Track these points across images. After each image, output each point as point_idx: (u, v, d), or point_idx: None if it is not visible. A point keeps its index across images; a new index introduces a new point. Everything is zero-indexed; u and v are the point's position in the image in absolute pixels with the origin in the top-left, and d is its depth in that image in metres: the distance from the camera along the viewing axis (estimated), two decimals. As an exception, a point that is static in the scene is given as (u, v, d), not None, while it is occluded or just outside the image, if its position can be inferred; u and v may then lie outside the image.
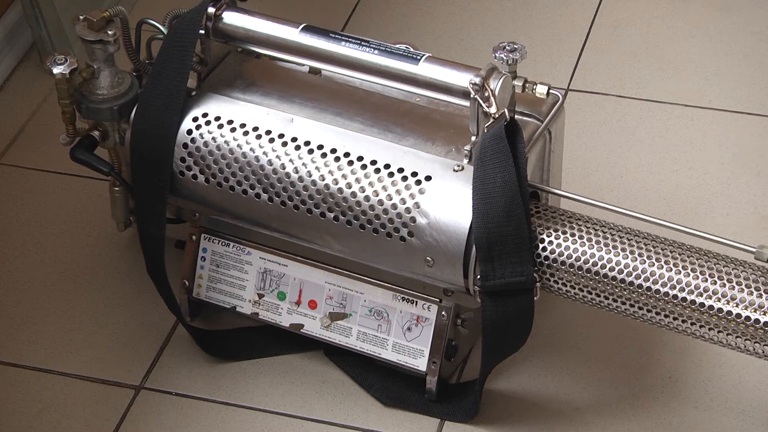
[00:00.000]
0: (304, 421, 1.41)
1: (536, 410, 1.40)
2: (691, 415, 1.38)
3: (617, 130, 1.70)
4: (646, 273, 1.28)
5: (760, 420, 1.37)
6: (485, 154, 1.30)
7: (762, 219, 1.57)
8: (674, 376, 1.42)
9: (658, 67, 1.77)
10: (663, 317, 1.29)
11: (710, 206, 1.59)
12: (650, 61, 1.78)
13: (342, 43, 1.37)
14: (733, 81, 1.74)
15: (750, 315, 1.25)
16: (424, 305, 1.39)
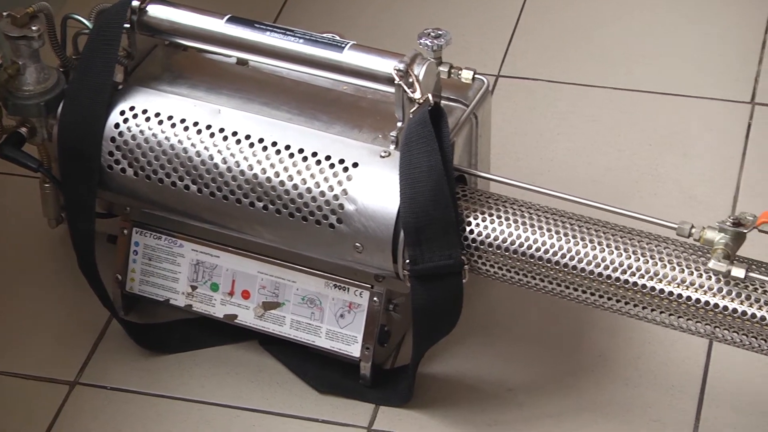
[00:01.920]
0: (240, 410, 1.41)
1: (470, 392, 1.41)
2: (621, 392, 1.40)
3: (547, 114, 1.71)
4: (572, 252, 1.30)
5: (688, 394, 1.39)
6: (410, 139, 1.31)
7: (689, 198, 1.59)
8: (605, 355, 1.44)
9: (587, 52, 1.79)
10: (590, 295, 1.30)
11: (639, 187, 1.61)
12: (579, 46, 1.80)
13: (267, 33, 1.38)
14: (660, 63, 1.76)
15: (673, 290, 1.27)
16: (356, 292, 1.40)
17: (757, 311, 1.24)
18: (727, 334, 1.27)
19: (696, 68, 1.75)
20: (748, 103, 1.70)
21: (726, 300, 1.25)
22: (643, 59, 1.77)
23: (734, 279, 1.24)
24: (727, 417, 1.37)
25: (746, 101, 1.70)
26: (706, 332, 1.28)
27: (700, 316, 1.26)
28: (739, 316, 1.25)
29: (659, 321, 1.29)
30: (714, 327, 1.27)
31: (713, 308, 1.25)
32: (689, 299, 1.26)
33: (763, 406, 1.38)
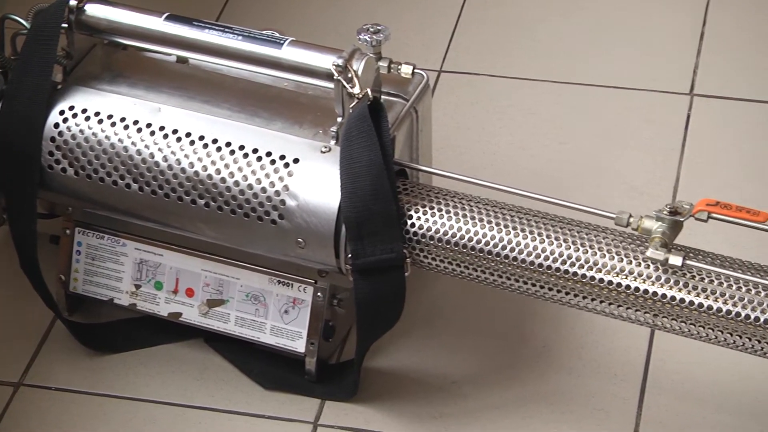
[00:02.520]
0: (185, 408, 1.41)
1: (415, 386, 1.42)
2: (565, 382, 1.41)
3: (489, 108, 1.72)
4: (512, 244, 1.31)
5: (631, 383, 1.41)
6: (350, 134, 1.32)
7: (630, 189, 1.60)
8: (548, 345, 1.45)
9: (528, 46, 1.80)
10: (531, 286, 1.31)
11: (581, 179, 1.63)
12: (520, 40, 1.81)
13: (206, 30, 1.38)
14: (600, 56, 1.78)
15: (612, 279, 1.28)
16: (300, 287, 1.40)
17: (695, 298, 1.26)
18: (666, 322, 1.28)
19: (636, 61, 1.77)
20: (687, 94, 1.72)
21: (664, 288, 1.26)
22: (584, 53, 1.78)
23: (672, 267, 1.25)
24: (669, 404, 1.39)
25: (685, 93, 1.72)
26: (646, 321, 1.29)
27: (640, 304, 1.28)
28: (678, 303, 1.26)
29: (600, 310, 1.31)
30: (654, 315, 1.28)
31: (652, 296, 1.27)
32: (628, 288, 1.28)
33: (703, 392, 1.40)
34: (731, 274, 1.25)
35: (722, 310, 1.25)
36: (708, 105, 1.70)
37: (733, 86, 1.72)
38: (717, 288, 1.25)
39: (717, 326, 1.26)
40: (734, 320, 1.25)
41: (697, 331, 1.27)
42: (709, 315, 1.26)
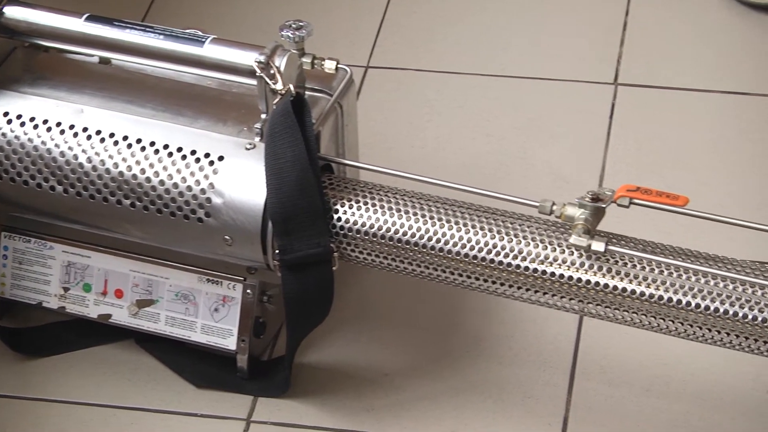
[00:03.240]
0: (118, 410, 1.41)
1: (347, 379, 1.42)
2: (495, 371, 1.43)
3: (417, 103, 1.73)
4: (438, 235, 1.32)
5: (561, 369, 1.42)
6: (274, 130, 1.32)
7: (557, 178, 1.62)
8: (479, 335, 1.46)
9: (454, 40, 1.81)
10: (457, 276, 1.32)
11: (508, 169, 1.64)
12: (446, 35, 1.82)
13: (126, 30, 1.38)
14: (524, 48, 1.79)
15: (537, 267, 1.29)
16: (229, 285, 1.40)
17: (619, 283, 1.27)
18: (592, 308, 1.29)
19: (560, 52, 1.78)
20: (612, 84, 1.74)
21: (588, 274, 1.28)
22: (509, 45, 1.80)
23: (595, 253, 1.27)
24: (598, 389, 1.41)
25: (609, 82, 1.74)
26: (572, 307, 1.30)
27: (565, 291, 1.29)
28: (602, 289, 1.27)
29: (526, 299, 1.32)
30: (579, 302, 1.29)
31: (576, 283, 1.28)
32: (553, 275, 1.29)
33: (632, 377, 1.42)
34: (654, 258, 1.26)
35: (645, 294, 1.26)
36: (632, 94, 1.72)
37: (657, 75, 1.74)
38: (640, 272, 1.27)
39: (641, 310, 1.27)
40: (658, 304, 1.26)
41: (622, 315, 1.29)
42: (632, 299, 1.27)
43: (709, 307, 1.25)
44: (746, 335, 1.25)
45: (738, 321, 1.24)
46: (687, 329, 1.27)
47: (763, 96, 1.70)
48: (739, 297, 1.24)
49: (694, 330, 1.27)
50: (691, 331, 1.27)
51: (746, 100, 1.70)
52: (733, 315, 1.24)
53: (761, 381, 1.40)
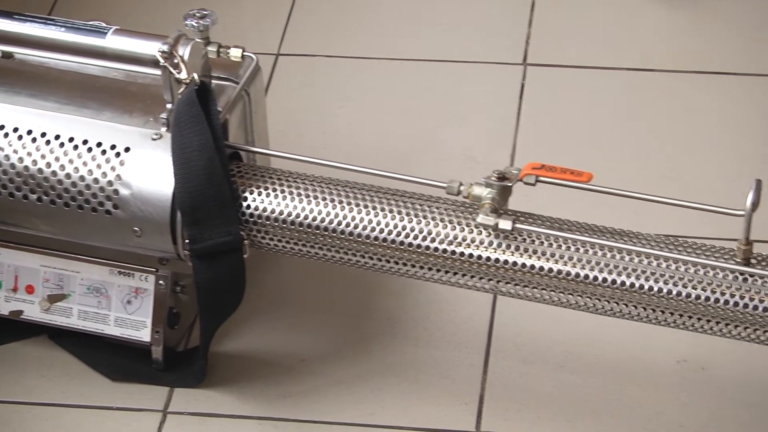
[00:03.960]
0: (34, 406, 1.40)
1: (264, 367, 1.43)
2: (411, 353, 1.43)
3: (329, 89, 1.73)
4: (347, 219, 1.32)
5: (475, 349, 1.43)
6: (180, 119, 1.32)
7: (468, 159, 1.63)
8: (393, 318, 1.47)
9: (363, 26, 1.81)
10: (369, 260, 1.32)
11: (421, 152, 1.65)
12: (355, 20, 1.82)
13: (27, 23, 1.37)
14: (434, 32, 1.80)
15: (446, 248, 1.30)
16: (141, 276, 1.40)
17: (527, 261, 1.28)
18: (503, 286, 1.30)
19: (469, 34, 1.79)
20: (521, 64, 1.75)
21: (497, 252, 1.29)
22: (417, 29, 1.80)
23: (503, 231, 1.28)
24: (513, 367, 1.42)
25: (518, 63, 1.75)
26: (483, 286, 1.31)
27: (475, 270, 1.30)
28: (511, 267, 1.29)
29: (437, 279, 1.33)
30: (489, 280, 1.30)
31: (486, 262, 1.29)
32: (462, 255, 1.30)
33: (546, 353, 1.43)
34: (561, 234, 1.28)
35: (553, 271, 1.27)
36: (541, 73, 1.73)
37: (565, 54, 1.76)
38: (547, 249, 1.28)
39: (551, 287, 1.29)
40: (566, 280, 1.28)
41: (533, 293, 1.30)
42: (541, 276, 1.28)
43: (616, 281, 1.26)
44: (654, 307, 1.26)
45: (646, 294, 1.26)
46: (597, 304, 1.29)
47: (667, 72, 1.73)
48: (644, 270, 1.26)
49: (603, 304, 1.29)
50: (600, 305, 1.29)
51: (652, 77, 1.73)
52: (640, 288, 1.26)
53: (672, 352, 1.42)
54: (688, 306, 1.25)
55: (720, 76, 1.72)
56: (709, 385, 1.39)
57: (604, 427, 1.36)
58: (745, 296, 1.23)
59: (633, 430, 1.35)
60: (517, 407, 1.38)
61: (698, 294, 1.24)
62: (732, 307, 1.23)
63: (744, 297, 1.23)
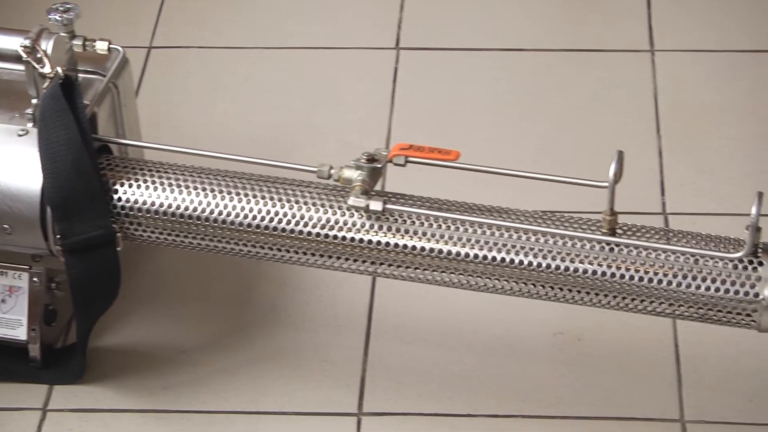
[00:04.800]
0: None
1: (144, 360, 1.42)
2: (292, 338, 1.44)
3: (203, 80, 1.73)
4: (220, 207, 1.32)
5: (356, 331, 1.44)
6: (45, 114, 1.31)
7: (345, 145, 1.64)
8: (275, 304, 1.47)
9: (236, 15, 1.81)
10: (243, 247, 1.32)
11: (297, 140, 1.65)
12: (228, 10, 1.82)
13: None
14: (306, 19, 1.80)
15: (319, 231, 1.30)
16: (15, 274, 1.38)
17: (400, 241, 1.29)
18: (377, 267, 1.31)
19: (341, 21, 1.80)
20: (394, 48, 1.76)
21: (370, 234, 1.29)
22: (290, 18, 1.81)
23: (374, 213, 1.29)
24: (394, 348, 1.43)
25: (391, 47, 1.77)
26: (358, 269, 1.32)
27: (349, 253, 1.30)
28: (384, 248, 1.29)
29: (312, 263, 1.33)
30: (363, 262, 1.31)
31: (359, 244, 1.30)
32: (335, 238, 1.30)
33: (425, 333, 1.44)
34: (433, 213, 1.29)
35: (426, 249, 1.29)
36: (413, 57, 1.75)
37: (436, 37, 1.77)
38: (419, 228, 1.29)
39: (426, 266, 1.30)
40: (440, 258, 1.29)
41: (407, 273, 1.31)
42: (415, 256, 1.29)
43: (488, 256, 1.28)
44: (526, 281, 1.28)
45: (518, 268, 1.28)
46: (471, 281, 1.30)
47: (537, 51, 1.75)
48: (514, 245, 1.27)
49: (477, 281, 1.30)
50: (475, 282, 1.30)
51: (522, 56, 1.75)
52: (511, 262, 1.27)
53: (548, 325, 1.44)
54: (559, 278, 1.27)
55: (587, 53, 1.75)
56: (585, 356, 1.42)
57: (484, 402, 1.38)
58: (612, 266, 1.25)
59: (512, 404, 1.37)
60: (398, 387, 1.39)
61: (567, 266, 1.26)
62: (600, 277, 1.26)
63: (611, 266, 1.25)
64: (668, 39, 1.74)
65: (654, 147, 1.62)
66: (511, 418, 1.36)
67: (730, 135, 1.62)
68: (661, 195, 1.57)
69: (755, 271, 1.22)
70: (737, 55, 1.71)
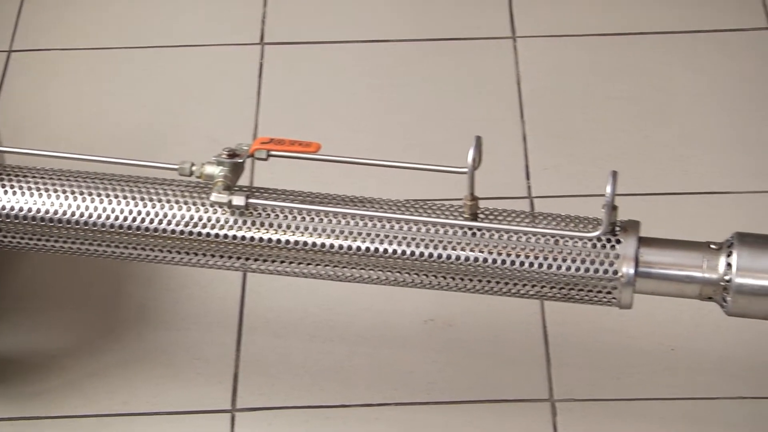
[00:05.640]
0: None
1: (13, 367, 1.40)
2: (164, 338, 1.43)
3: (67, 82, 1.71)
4: (81, 209, 1.30)
5: (228, 328, 1.44)
6: None
7: (212, 142, 1.63)
8: (145, 305, 1.46)
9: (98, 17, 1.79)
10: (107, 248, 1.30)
11: (165, 139, 1.64)
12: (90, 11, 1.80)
13: None
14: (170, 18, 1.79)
15: (183, 229, 1.29)
16: None
17: (264, 235, 1.29)
18: (244, 263, 1.31)
19: (205, 18, 1.79)
20: (258, 44, 1.76)
21: (234, 230, 1.29)
22: (153, 16, 1.79)
23: (237, 208, 1.29)
24: (266, 342, 1.43)
25: (256, 42, 1.77)
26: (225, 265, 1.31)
27: (215, 250, 1.29)
28: (249, 243, 1.29)
29: (179, 262, 1.31)
30: (230, 258, 1.30)
31: (224, 240, 1.29)
32: (200, 235, 1.29)
33: (297, 325, 1.45)
34: (297, 206, 1.29)
35: (291, 242, 1.28)
36: (279, 52, 1.75)
37: (300, 31, 1.78)
38: (283, 222, 1.29)
39: (291, 259, 1.30)
40: (306, 250, 1.29)
41: (275, 267, 1.31)
42: (280, 249, 1.29)
43: (353, 246, 1.28)
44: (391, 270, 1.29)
45: (383, 257, 1.28)
46: (338, 272, 1.30)
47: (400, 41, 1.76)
48: (379, 233, 1.28)
49: (344, 272, 1.30)
50: (342, 273, 1.30)
51: (386, 47, 1.76)
52: (376, 251, 1.28)
53: (419, 312, 1.46)
54: (424, 265, 1.28)
55: (449, 42, 1.76)
56: (456, 341, 1.43)
57: (356, 392, 1.38)
58: (475, 250, 1.27)
59: (384, 392, 1.38)
60: (272, 381, 1.39)
61: (431, 252, 1.27)
62: (464, 261, 1.27)
63: (474, 251, 1.27)
64: (529, 25, 1.77)
65: (518, 132, 1.64)
66: (384, 406, 1.37)
67: (590, 118, 1.65)
68: (526, 179, 1.59)
69: (613, 249, 1.24)
70: (597, 38, 1.75)
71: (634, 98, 1.66)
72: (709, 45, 1.72)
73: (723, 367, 1.39)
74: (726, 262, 1.23)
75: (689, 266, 1.26)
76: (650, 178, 1.58)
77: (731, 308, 1.25)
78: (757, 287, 1.23)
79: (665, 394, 1.37)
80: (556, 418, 1.37)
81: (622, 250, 1.25)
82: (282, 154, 1.30)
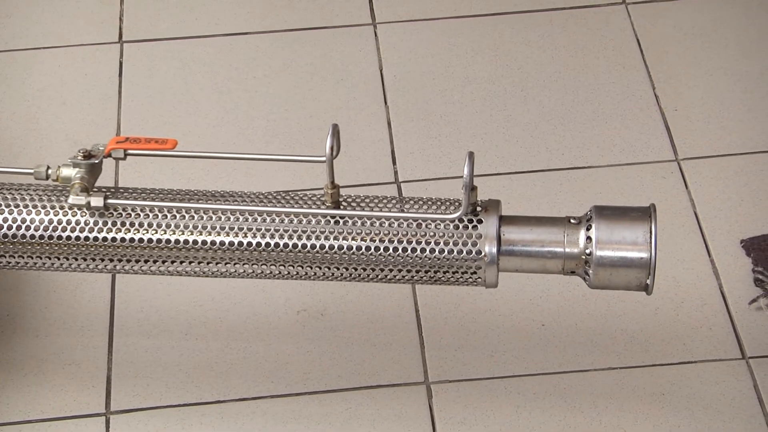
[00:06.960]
0: None
1: None
2: (32, 345, 1.40)
3: None
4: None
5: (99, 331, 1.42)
6: None
7: (74, 144, 1.60)
8: (11, 312, 1.44)
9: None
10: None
11: (23, 143, 1.61)
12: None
13: None
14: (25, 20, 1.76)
15: (42, 234, 1.27)
16: None
17: (125, 235, 1.27)
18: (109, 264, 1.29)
19: (61, 18, 1.77)
20: (117, 42, 1.74)
21: (95, 231, 1.27)
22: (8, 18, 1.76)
23: (96, 209, 1.27)
24: (139, 343, 1.42)
25: (114, 41, 1.74)
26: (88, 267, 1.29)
27: (76, 252, 1.27)
28: (111, 243, 1.27)
29: (41, 267, 1.29)
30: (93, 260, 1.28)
31: (85, 242, 1.27)
32: (60, 239, 1.27)
33: (170, 324, 1.44)
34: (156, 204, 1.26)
35: (153, 241, 1.27)
36: (138, 49, 1.73)
37: (159, 28, 1.75)
38: (144, 220, 1.26)
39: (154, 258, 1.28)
40: (168, 248, 1.28)
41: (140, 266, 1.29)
42: (143, 248, 1.27)
43: (216, 241, 1.27)
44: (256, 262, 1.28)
45: (247, 250, 1.27)
46: (205, 268, 1.29)
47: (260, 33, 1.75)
48: (242, 227, 1.27)
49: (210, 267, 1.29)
50: (208, 268, 1.29)
51: (246, 40, 1.75)
52: (240, 245, 1.27)
53: (291, 304, 1.45)
54: (290, 256, 1.27)
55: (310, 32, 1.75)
56: (329, 330, 1.43)
57: (232, 387, 1.38)
58: (339, 238, 1.27)
59: (260, 385, 1.38)
60: (146, 381, 1.38)
61: (295, 243, 1.27)
62: (329, 250, 1.27)
63: (338, 239, 1.27)
64: (389, 11, 1.77)
65: (383, 118, 1.65)
66: (260, 399, 1.37)
67: (453, 100, 1.66)
68: (392, 164, 1.60)
69: (475, 229, 1.25)
70: (456, 21, 1.76)
71: (494, 79, 1.68)
72: (566, 21, 1.74)
73: (591, 339, 1.42)
74: (586, 235, 1.25)
75: (551, 242, 1.27)
76: (514, 156, 1.59)
77: (593, 281, 1.27)
78: (617, 259, 1.26)
79: (538, 369, 1.39)
80: (432, 400, 1.37)
81: (483, 229, 1.26)
82: (139, 153, 1.29)
